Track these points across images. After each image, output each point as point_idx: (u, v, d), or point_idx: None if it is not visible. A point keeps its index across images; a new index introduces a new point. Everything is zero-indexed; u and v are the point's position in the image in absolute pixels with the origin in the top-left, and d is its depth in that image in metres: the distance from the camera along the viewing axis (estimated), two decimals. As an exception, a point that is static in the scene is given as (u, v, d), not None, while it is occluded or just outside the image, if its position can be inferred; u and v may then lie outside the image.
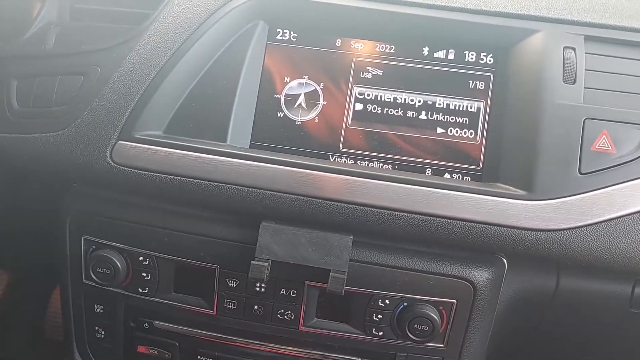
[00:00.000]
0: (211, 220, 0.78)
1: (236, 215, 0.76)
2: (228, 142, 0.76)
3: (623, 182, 0.70)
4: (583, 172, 0.70)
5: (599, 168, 0.70)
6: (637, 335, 0.87)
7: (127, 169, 0.74)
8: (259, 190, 0.72)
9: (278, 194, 0.72)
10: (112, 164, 0.74)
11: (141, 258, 0.78)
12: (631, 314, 0.80)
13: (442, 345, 0.78)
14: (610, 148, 0.71)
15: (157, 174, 0.73)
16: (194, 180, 0.73)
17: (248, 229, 0.75)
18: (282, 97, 0.79)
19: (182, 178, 0.73)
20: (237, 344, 0.80)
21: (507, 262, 0.78)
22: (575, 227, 0.69)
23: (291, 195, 0.72)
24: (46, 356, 1.17)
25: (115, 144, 0.74)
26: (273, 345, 0.80)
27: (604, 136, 0.71)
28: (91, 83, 0.77)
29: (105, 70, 0.77)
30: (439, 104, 0.78)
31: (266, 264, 0.71)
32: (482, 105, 0.77)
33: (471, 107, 0.77)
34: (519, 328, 0.88)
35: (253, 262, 0.71)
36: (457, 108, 0.78)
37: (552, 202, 0.69)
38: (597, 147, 0.70)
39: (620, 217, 0.69)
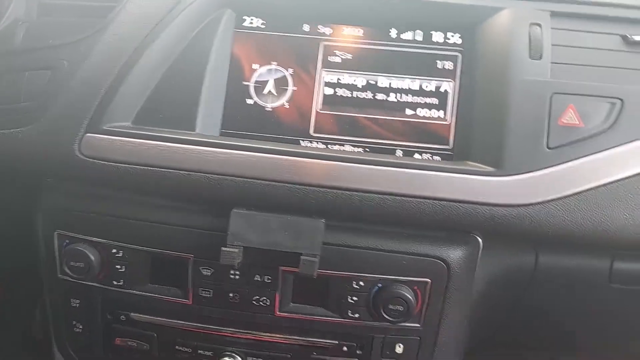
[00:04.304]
0: (183, 209, 0.77)
1: (208, 203, 0.76)
2: (197, 131, 0.76)
3: (591, 155, 0.70)
4: (551, 146, 0.70)
5: (567, 142, 0.70)
6: (617, 310, 0.87)
7: (96, 161, 0.74)
8: (229, 178, 0.72)
9: (248, 180, 0.72)
10: (81, 156, 0.74)
11: (114, 250, 0.78)
12: (611, 289, 0.80)
13: (419, 325, 0.78)
14: (578, 122, 0.71)
15: (126, 165, 0.73)
16: (163, 170, 0.72)
17: (220, 216, 0.74)
18: (252, 84, 0.79)
19: (151, 168, 0.73)
20: (214, 332, 0.80)
21: (482, 240, 0.78)
22: (544, 202, 0.69)
23: (262, 181, 0.72)
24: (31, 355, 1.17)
25: (83, 136, 0.74)
26: (251, 332, 0.80)
27: (570, 110, 0.71)
28: (59, 77, 0.76)
29: (73, 64, 0.76)
30: (408, 86, 0.78)
31: (237, 250, 0.71)
32: (450, 85, 0.77)
33: (440, 88, 0.77)
34: (500, 307, 0.88)
35: (223, 248, 0.71)
36: (426, 89, 0.78)
37: (521, 177, 0.69)
38: (564, 121, 0.70)
39: (588, 189, 0.69)
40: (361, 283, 0.76)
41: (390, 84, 0.78)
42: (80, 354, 0.87)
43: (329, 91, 0.78)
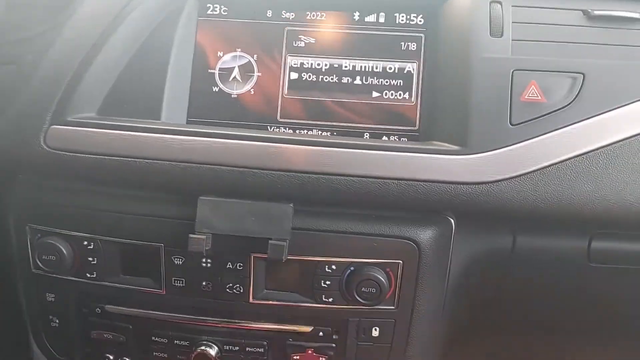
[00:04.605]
0: (153, 199, 0.77)
1: (176, 192, 0.76)
2: (163, 120, 0.76)
3: (554, 130, 0.70)
4: (514, 123, 0.70)
5: (530, 118, 0.70)
6: (597, 289, 0.88)
7: (62, 152, 0.73)
8: (195, 165, 0.72)
9: (215, 167, 0.72)
10: (47, 149, 0.73)
11: (85, 242, 0.78)
12: (590, 269, 0.81)
13: (393, 307, 0.78)
14: (540, 97, 0.71)
15: (91, 156, 0.73)
16: (129, 159, 0.72)
17: (189, 205, 0.74)
18: (217, 72, 0.79)
19: (116, 158, 0.72)
20: (190, 322, 0.80)
21: (454, 221, 0.78)
22: (509, 178, 0.70)
23: (229, 168, 0.72)
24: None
25: (48, 128, 0.74)
26: (226, 320, 0.80)
27: (532, 86, 0.71)
28: (23, 71, 0.76)
29: (36, 57, 0.76)
30: (373, 68, 0.78)
31: (204, 237, 0.71)
32: (415, 66, 0.77)
33: (405, 69, 0.78)
34: (481, 291, 0.88)
35: (191, 235, 0.71)
36: (391, 71, 0.78)
37: (485, 154, 0.70)
38: (526, 97, 0.71)
39: (552, 165, 0.70)
40: (333, 267, 0.76)
41: (355, 67, 0.78)
42: (58, 348, 0.87)
43: (295, 76, 0.79)
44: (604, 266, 0.81)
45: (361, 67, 0.78)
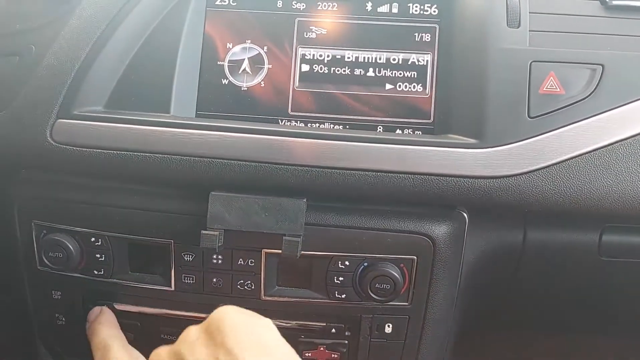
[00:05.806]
0: (162, 194, 0.75)
1: (186, 187, 0.74)
2: (172, 113, 0.74)
3: (573, 123, 0.69)
4: (532, 115, 0.69)
5: (549, 110, 0.69)
6: (608, 283, 0.87)
7: (69, 147, 0.72)
8: (205, 159, 0.70)
9: (226, 161, 0.70)
10: (53, 143, 0.72)
11: (93, 239, 0.76)
12: (601, 262, 0.80)
13: (407, 304, 0.77)
14: (559, 89, 0.69)
15: (99, 150, 0.71)
16: (137, 154, 0.71)
17: (199, 200, 0.73)
18: (226, 64, 0.77)
19: (124, 152, 0.71)
20: (200, 319, 0.78)
21: (467, 216, 0.77)
22: (527, 172, 0.68)
23: (240, 162, 0.70)
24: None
25: (54, 122, 0.72)
26: (237, 317, 0.79)
27: (551, 78, 0.69)
28: (26, 63, 0.74)
29: (40, 48, 0.74)
30: (386, 60, 0.76)
31: (217, 233, 0.70)
32: (429, 57, 0.76)
33: (419, 61, 0.76)
34: (491, 287, 0.87)
35: (203, 231, 0.69)
36: (404, 62, 0.76)
37: (503, 148, 0.68)
38: (545, 89, 0.69)
39: (571, 158, 0.68)
40: (346, 263, 0.75)
41: (368, 58, 0.76)
42: (64, 346, 0.86)
43: (306, 68, 0.77)
44: (615, 260, 0.80)
45: (374, 58, 0.76)
